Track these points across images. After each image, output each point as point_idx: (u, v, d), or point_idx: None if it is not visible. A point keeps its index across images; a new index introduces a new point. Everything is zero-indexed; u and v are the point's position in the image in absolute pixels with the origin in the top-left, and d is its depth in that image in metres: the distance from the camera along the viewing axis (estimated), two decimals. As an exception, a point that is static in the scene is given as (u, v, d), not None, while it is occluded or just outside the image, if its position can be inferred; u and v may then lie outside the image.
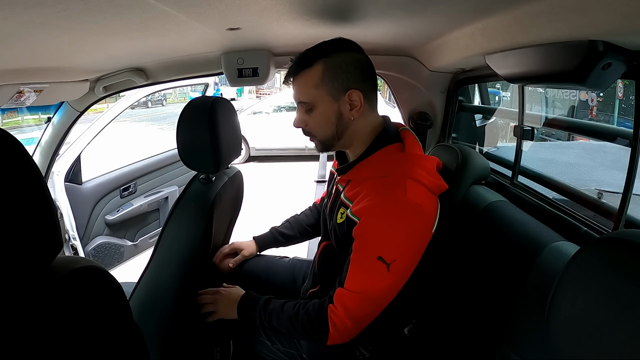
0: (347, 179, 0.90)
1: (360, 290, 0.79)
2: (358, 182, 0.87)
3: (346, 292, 0.80)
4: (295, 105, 0.89)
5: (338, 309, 0.80)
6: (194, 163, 1.04)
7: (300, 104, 0.86)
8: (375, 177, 0.84)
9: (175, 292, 0.99)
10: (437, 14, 0.81)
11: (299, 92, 0.85)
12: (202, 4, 0.65)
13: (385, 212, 0.78)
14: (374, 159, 0.86)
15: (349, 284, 0.80)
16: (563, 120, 1.61)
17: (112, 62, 1.23)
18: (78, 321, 0.49)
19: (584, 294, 0.43)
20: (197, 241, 1.00)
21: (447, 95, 1.43)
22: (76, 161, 1.90)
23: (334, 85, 0.83)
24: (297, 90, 0.86)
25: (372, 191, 0.81)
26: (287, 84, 0.87)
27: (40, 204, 0.45)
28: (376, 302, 0.80)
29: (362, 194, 0.83)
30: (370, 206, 0.79)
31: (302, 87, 0.85)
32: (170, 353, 0.97)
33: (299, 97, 0.85)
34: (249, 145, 6.67)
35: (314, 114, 0.85)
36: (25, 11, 0.56)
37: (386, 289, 0.79)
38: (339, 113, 0.85)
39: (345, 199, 0.88)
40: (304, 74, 0.83)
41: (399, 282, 0.79)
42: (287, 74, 0.86)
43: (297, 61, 0.84)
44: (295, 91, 0.86)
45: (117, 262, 2.07)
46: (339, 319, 0.80)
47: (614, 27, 0.54)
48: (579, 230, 0.82)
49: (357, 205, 0.82)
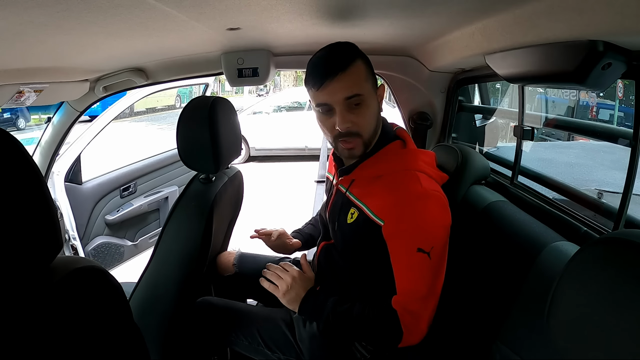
0: (351, 178, 0.91)
1: (414, 289, 0.80)
2: (367, 181, 0.88)
3: (403, 297, 0.81)
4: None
5: (405, 316, 0.80)
6: (194, 163, 1.04)
7: (351, 98, 0.80)
8: (385, 174, 0.85)
9: (175, 292, 0.99)
10: (437, 14, 0.81)
11: (350, 85, 0.79)
12: (202, 4, 0.65)
13: (410, 204, 0.79)
14: (380, 156, 0.87)
15: (402, 286, 0.81)
16: (563, 120, 1.61)
17: (112, 62, 1.23)
18: (78, 321, 0.49)
19: (584, 294, 0.43)
20: (197, 241, 1.00)
21: (447, 95, 1.43)
22: (76, 161, 1.90)
23: (373, 81, 0.85)
24: (348, 84, 0.79)
25: (387, 188, 0.83)
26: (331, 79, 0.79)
27: (40, 204, 0.45)
28: (433, 292, 0.81)
29: (377, 192, 0.84)
30: (393, 204, 0.81)
31: (354, 80, 0.80)
32: (170, 353, 0.97)
33: (352, 90, 0.79)
34: (249, 145, 6.67)
35: (362, 109, 0.82)
36: (25, 11, 0.56)
37: (435, 275, 0.80)
38: (379, 109, 0.87)
39: (354, 199, 0.89)
40: (354, 67, 0.80)
41: (441, 265, 0.81)
42: (333, 69, 0.79)
43: (340, 57, 0.80)
44: (343, 85, 0.79)
45: (117, 262, 2.07)
46: (409, 323, 0.80)
47: (614, 27, 0.54)
48: (579, 230, 0.82)
49: (375, 205, 0.83)
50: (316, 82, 0.81)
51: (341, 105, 0.80)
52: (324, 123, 0.84)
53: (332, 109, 0.81)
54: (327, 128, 0.84)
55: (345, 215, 0.90)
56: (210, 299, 1.11)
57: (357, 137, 0.83)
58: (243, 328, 1.02)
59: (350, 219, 0.88)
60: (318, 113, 0.85)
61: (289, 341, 0.99)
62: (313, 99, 0.84)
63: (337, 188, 0.96)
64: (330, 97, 0.80)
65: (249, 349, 1.03)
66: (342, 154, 0.88)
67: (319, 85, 0.80)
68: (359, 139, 0.84)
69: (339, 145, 0.86)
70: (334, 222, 0.95)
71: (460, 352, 0.93)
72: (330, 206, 0.99)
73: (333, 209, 0.97)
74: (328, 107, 0.82)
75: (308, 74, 0.84)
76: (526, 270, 0.74)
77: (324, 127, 0.85)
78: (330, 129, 0.84)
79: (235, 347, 1.05)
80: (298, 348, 0.99)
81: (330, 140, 0.87)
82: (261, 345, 1.01)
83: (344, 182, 0.93)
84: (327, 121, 0.83)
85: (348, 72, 0.79)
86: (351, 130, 0.82)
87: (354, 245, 0.89)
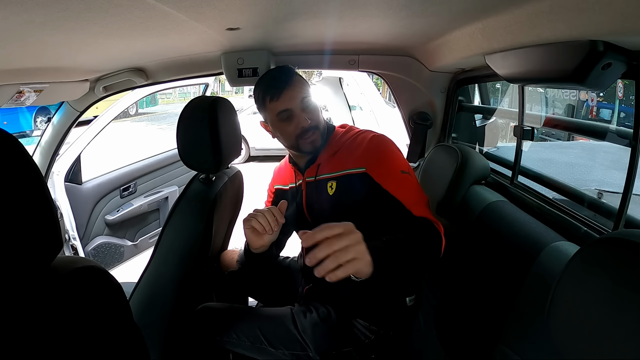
0: (317, 164, 1.03)
1: (416, 198, 0.90)
2: (329, 158, 1.01)
3: (414, 207, 0.88)
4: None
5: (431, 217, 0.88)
6: (194, 163, 1.04)
7: (303, 100, 0.97)
8: (343, 146, 1.00)
9: (176, 292, 0.99)
10: (437, 14, 0.81)
11: (300, 89, 0.98)
12: (202, 4, 0.65)
13: (376, 145, 0.96)
14: (334, 137, 1.04)
15: (407, 201, 0.89)
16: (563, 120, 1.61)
17: (112, 62, 1.23)
18: (78, 321, 0.49)
19: (584, 294, 0.43)
20: (197, 241, 1.00)
21: (447, 95, 1.43)
22: (76, 161, 1.90)
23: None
24: (299, 88, 0.98)
25: (351, 149, 0.98)
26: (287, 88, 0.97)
27: (40, 204, 0.45)
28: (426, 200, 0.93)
29: (344, 157, 0.98)
30: (365, 150, 0.96)
31: (301, 86, 0.98)
32: (170, 353, 0.97)
33: (303, 93, 0.98)
34: (249, 145, 6.67)
35: (312, 107, 0.99)
36: (25, 11, 0.56)
37: (420, 189, 0.94)
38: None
39: (327, 176, 1.01)
40: (297, 77, 1.00)
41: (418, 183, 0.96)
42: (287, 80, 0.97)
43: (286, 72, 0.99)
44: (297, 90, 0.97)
45: (117, 262, 2.07)
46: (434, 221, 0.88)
47: (614, 27, 0.54)
48: (579, 230, 0.82)
49: (350, 163, 0.97)
50: (275, 93, 0.96)
51: (299, 107, 0.96)
52: (285, 129, 0.98)
53: (291, 114, 0.96)
54: (289, 132, 0.98)
55: (324, 193, 1.00)
56: (210, 305, 1.10)
57: (316, 129, 0.98)
58: (245, 329, 1.02)
59: (330, 190, 0.99)
60: (278, 123, 0.98)
61: (292, 335, 1.00)
62: (272, 110, 0.98)
63: (305, 183, 1.05)
64: (289, 102, 0.96)
65: (251, 349, 1.03)
66: (305, 149, 0.99)
67: (278, 95, 0.96)
68: (317, 131, 0.99)
69: (301, 142, 0.98)
70: (313, 208, 1.03)
71: (460, 351, 0.93)
72: (305, 200, 1.05)
73: (309, 200, 1.04)
74: (288, 112, 0.96)
75: (263, 91, 0.98)
76: (526, 270, 0.73)
77: (285, 132, 0.98)
78: (292, 131, 0.97)
79: (237, 349, 1.04)
80: (302, 340, 0.99)
81: (292, 142, 0.99)
82: (264, 344, 1.01)
83: (309, 173, 1.04)
84: (288, 126, 0.97)
85: (296, 80, 0.98)
86: (311, 125, 0.97)
87: (343, 206, 0.97)
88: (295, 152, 1.05)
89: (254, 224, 0.89)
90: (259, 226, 0.89)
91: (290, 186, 1.11)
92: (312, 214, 1.04)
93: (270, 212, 0.89)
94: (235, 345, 1.03)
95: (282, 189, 1.14)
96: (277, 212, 0.89)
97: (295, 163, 1.08)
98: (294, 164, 1.09)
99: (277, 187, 1.16)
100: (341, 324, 1.01)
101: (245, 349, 1.04)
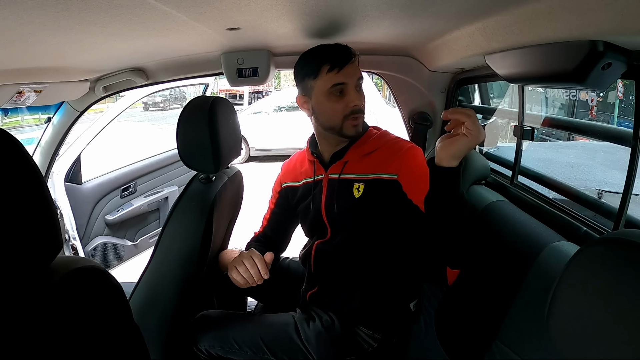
0: (344, 161, 0.98)
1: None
2: (359, 158, 0.97)
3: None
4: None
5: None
6: (194, 163, 1.04)
7: (359, 80, 0.94)
8: (377, 148, 0.97)
9: (175, 292, 0.99)
10: (437, 14, 0.81)
11: (359, 69, 0.94)
12: (202, 4, 0.65)
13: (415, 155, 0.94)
14: (367, 136, 0.99)
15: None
16: (563, 120, 1.61)
17: (112, 62, 1.23)
18: (78, 321, 0.49)
19: (584, 294, 0.43)
20: (197, 241, 1.00)
21: (447, 95, 1.43)
22: (76, 161, 1.90)
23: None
24: (358, 68, 0.94)
25: (385, 154, 0.95)
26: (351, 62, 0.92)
27: (40, 204, 0.45)
28: None
29: (376, 161, 0.95)
30: (401, 157, 0.93)
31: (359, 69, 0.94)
32: (170, 353, 0.97)
33: (360, 73, 0.94)
34: (249, 145, 6.66)
35: (362, 92, 0.95)
36: (25, 11, 0.56)
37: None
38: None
39: (354, 176, 0.97)
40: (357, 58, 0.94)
41: None
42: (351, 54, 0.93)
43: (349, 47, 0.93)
44: (357, 68, 0.93)
45: (117, 262, 2.07)
46: None
47: (614, 27, 0.54)
48: (579, 230, 0.82)
49: (382, 168, 0.94)
50: (337, 63, 0.89)
51: (354, 85, 0.92)
52: (334, 105, 0.92)
53: (345, 90, 0.91)
54: (337, 109, 0.92)
55: (349, 194, 0.96)
56: (209, 313, 1.08)
57: (362, 114, 0.94)
58: (246, 338, 0.99)
59: (357, 193, 0.95)
60: (328, 96, 0.92)
61: (295, 344, 0.98)
62: (327, 81, 0.91)
63: (327, 179, 1.00)
64: (348, 77, 0.90)
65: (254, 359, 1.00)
66: (348, 132, 0.94)
67: (341, 66, 0.89)
68: (362, 116, 0.95)
69: (346, 124, 0.93)
70: (333, 208, 0.98)
71: (460, 351, 0.93)
72: (325, 198, 0.99)
73: (329, 199, 0.98)
74: (343, 87, 0.91)
75: (322, 58, 0.91)
76: (526, 270, 0.73)
77: (333, 109, 0.92)
78: (340, 109, 0.92)
79: (239, 359, 1.01)
80: (305, 349, 0.97)
81: (336, 122, 0.93)
82: (267, 354, 0.98)
83: (334, 169, 0.99)
84: (339, 101, 0.91)
85: (357, 59, 0.93)
86: (360, 107, 0.93)
87: (368, 211, 0.95)
88: (330, 136, 0.98)
89: (235, 275, 0.89)
90: (242, 279, 0.88)
91: (305, 182, 1.05)
92: (330, 215, 0.99)
93: (254, 266, 0.88)
94: (237, 355, 1.00)
95: (292, 186, 1.09)
96: (262, 266, 0.87)
97: (319, 155, 1.03)
98: (318, 156, 1.03)
99: (285, 185, 1.11)
100: (345, 333, 0.99)
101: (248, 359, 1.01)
